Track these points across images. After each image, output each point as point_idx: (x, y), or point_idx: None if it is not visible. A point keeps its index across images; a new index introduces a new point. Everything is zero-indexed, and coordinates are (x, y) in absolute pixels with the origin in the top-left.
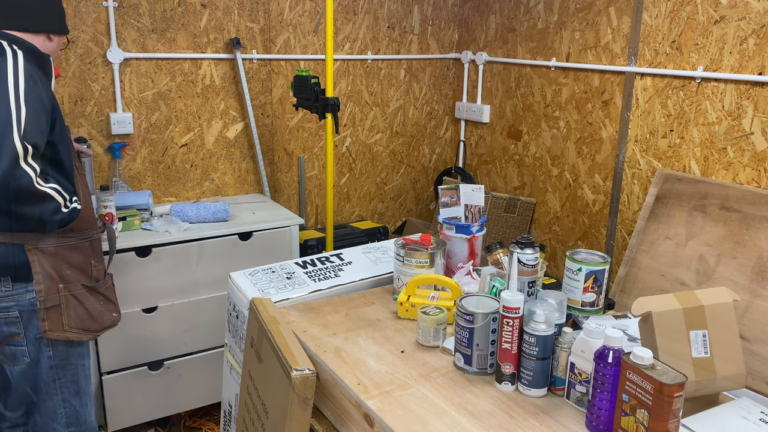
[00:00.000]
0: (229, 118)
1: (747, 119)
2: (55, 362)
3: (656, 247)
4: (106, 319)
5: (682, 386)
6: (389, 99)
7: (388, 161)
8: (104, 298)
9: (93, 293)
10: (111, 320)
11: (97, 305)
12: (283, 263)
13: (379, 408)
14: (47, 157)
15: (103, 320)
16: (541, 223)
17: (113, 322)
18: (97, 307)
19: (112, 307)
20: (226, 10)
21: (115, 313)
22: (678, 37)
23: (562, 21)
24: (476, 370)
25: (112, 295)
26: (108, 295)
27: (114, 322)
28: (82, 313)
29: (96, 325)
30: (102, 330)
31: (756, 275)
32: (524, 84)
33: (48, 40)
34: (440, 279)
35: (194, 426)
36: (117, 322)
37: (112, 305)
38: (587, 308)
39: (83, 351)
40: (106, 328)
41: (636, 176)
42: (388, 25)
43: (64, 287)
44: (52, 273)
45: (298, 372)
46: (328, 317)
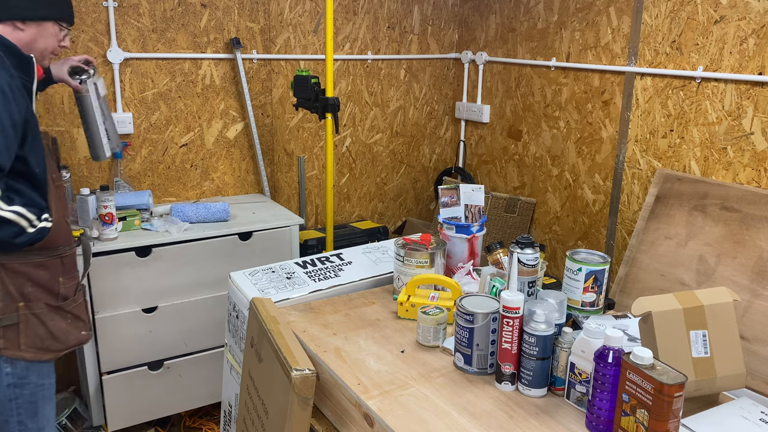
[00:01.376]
0: (229, 118)
1: (747, 119)
2: (12, 380)
3: (656, 247)
4: (71, 338)
5: (682, 386)
6: (389, 99)
7: (388, 161)
8: (72, 316)
9: (58, 312)
10: (77, 339)
11: (63, 324)
12: (283, 263)
13: (379, 408)
14: (17, 171)
15: (67, 339)
16: (541, 223)
17: (80, 340)
18: (62, 326)
19: (82, 325)
20: (226, 10)
21: (84, 331)
22: (678, 37)
23: (562, 21)
24: (476, 370)
25: (83, 312)
26: (77, 312)
27: (82, 341)
28: (42, 333)
29: (58, 345)
30: (66, 349)
31: (756, 275)
32: (524, 84)
33: (16, 30)
34: (440, 279)
35: (194, 426)
36: (86, 340)
37: (82, 323)
38: (587, 308)
39: (45, 370)
40: (71, 347)
41: (636, 176)
42: (388, 25)
43: (24, 305)
44: (13, 291)
45: (298, 372)
46: (328, 317)
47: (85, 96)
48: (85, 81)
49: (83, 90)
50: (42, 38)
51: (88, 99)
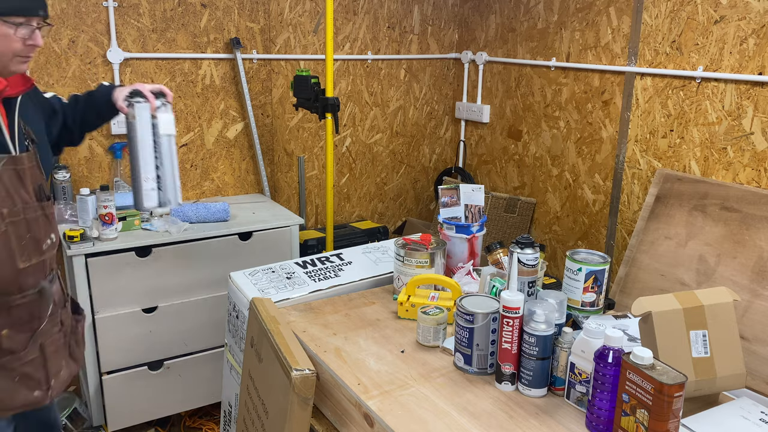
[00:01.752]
0: (229, 118)
1: (747, 119)
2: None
3: (656, 247)
4: (17, 399)
5: (682, 386)
6: (389, 99)
7: (388, 161)
8: (21, 374)
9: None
10: (26, 400)
11: (6, 383)
12: (283, 263)
13: (379, 408)
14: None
15: (11, 400)
16: (541, 223)
17: (31, 402)
18: (5, 385)
19: (34, 384)
20: (226, 10)
21: (38, 392)
22: (678, 37)
23: (562, 21)
24: (476, 370)
25: (39, 369)
26: (29, 370)
27: (33, 403)
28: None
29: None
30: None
31: (756, 275)
32: (524, 84)
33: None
34: (440, 279)
35: (194, 426)
36: (39, 402)
37: (34, 382)
38: (587, 308)
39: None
40: (15, 409)
41: (636, 176)
42: (388, 25)
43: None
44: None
45: (298, 372)
46: (328, 317)
47: (130, 123)
48: (132, 105)
49: (129, 115)
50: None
51: (133, 128)
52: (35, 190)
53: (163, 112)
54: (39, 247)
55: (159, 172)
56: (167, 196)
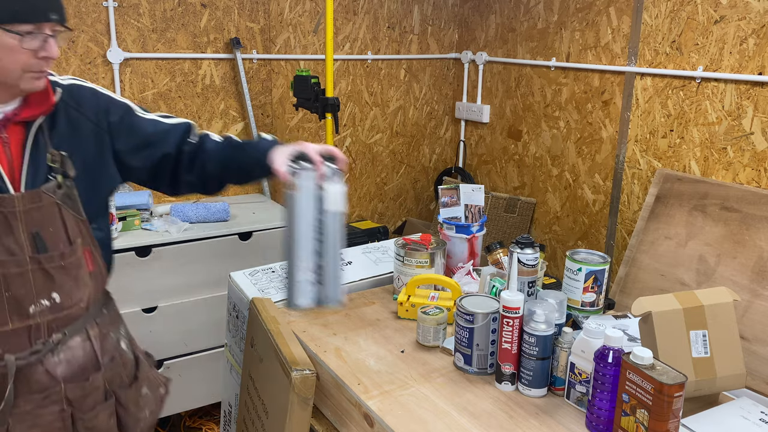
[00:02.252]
0: (229, 118)
1: (747, 119)
2: None
3: (656, 247)
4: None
5: (682, 386)
6: (389, 99)
7: (388, 161)
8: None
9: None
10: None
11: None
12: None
13: (379, 408)
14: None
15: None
16: (541, 223)
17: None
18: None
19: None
20: (226, 10)
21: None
22: (678, 37)
23: (562, 21)
24: (476, 370)
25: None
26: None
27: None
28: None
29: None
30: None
31: (756, 275)
32: (524, 84)
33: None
34: (440, 279)
35: (194, 426)
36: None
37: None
38: (587, 308)
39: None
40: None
41: (636, 176)
42: (388, 25)
43: None
44: None
45: (298, 372)
46: (328, 317)
47: (293, 196)
48: (298, 173)
49: (290, 185)
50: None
51: (294, 202)
52: (30, 238)
53: (332, 182)
54: (21, 309)
55: (321, 261)
56: (327, 292)
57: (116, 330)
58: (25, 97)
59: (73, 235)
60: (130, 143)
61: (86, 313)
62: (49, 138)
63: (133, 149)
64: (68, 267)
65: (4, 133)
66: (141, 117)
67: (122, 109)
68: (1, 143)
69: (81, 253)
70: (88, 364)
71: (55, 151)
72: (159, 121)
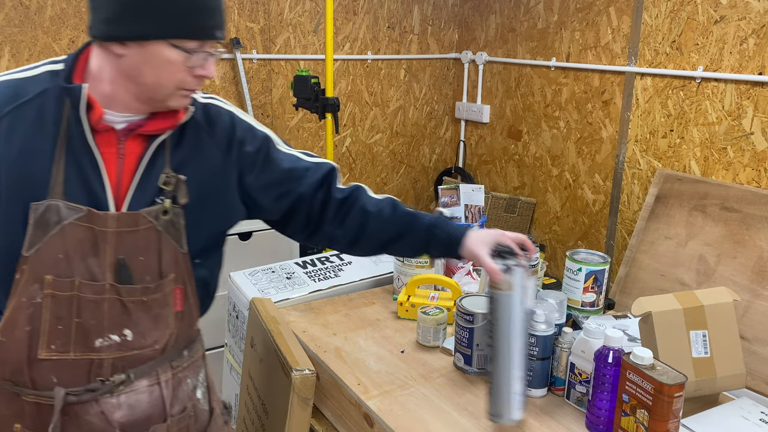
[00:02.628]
0: None
1: (747, 119)
2: None
3: (656, 247)
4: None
5: (682, 386)
6: (389, 99)
7: (388, 161)
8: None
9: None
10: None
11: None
12: (283, 263)
13: (379, 408)
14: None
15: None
16: (541, 223)
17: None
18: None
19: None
20: (226, 10)
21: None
22: (678, 37)
23: (562, 21)
24: (476, 370)
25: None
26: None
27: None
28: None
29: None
30: None
31: (756, 275)
32: (524, 84)
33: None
34: (440, 279)
35: None
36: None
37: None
38: (587, 308)
39: None
40: None
41: (636, 176)
42: (388, 25)
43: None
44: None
45: (298, 372)
46: (328, 317)
47: (503, 297)
48: (511, 270)
49: (503, 284)
50: (149, 66)
51: (504, 304)
52: (115, 264)
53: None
54: (87, 340)
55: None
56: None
57: (194, 376)
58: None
59: (167, 269)
60: (262, 178)
61: (161, 355)
62: (169, 157)
63: (266, 186)
64: (150, 303)
65: (122, 144)
66: (280, 151)
67: (260, 140)
68: (115, 155)
69: (170, 290)
70: (153, 413)
71: (171, 172)
72: (299, 158)
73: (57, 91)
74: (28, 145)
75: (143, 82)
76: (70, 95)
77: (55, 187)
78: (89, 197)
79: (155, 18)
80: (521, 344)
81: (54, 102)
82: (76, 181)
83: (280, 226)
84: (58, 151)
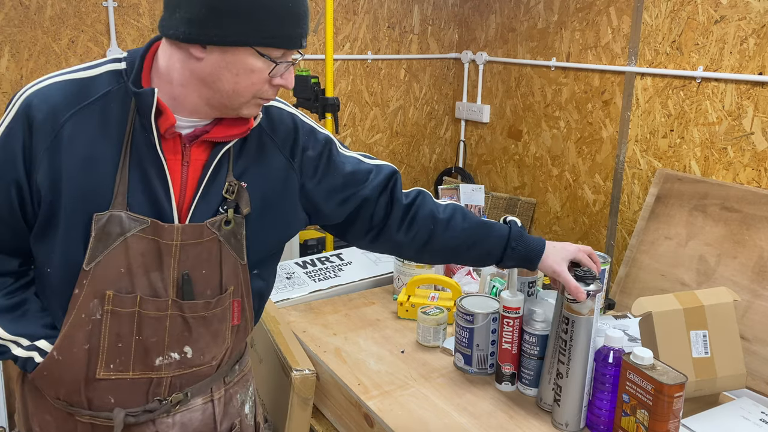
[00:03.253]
0: None
1: (747, 119)
2: None
3: (656, 247)
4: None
5: (682, 386)
6: (389, 99)
7: (388, 161)
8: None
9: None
10: None
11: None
12: (283, 263)
13: (379, 408)
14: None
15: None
16: (542, 223)
17: None
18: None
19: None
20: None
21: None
22: (678, 37)
23: (562, 21)
24: (476, 370)
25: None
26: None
27: None
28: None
29: None
30: None
31: (756, 275)
32: (524, 84)
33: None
34: (440, 279)
35: None
36: None
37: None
38: None
39: None
40: None
41: (636, 176)
42: (388, 24)
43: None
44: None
45: (298, 372)
46: (328, 317)
47: (584, 321)
48: (593, 295)
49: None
50: (230, 73)
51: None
52: (178, 279)
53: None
54: (147, 358)
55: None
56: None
57: (244, 391)
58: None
59: (227, 281)
60: (324, 183)
61: (215, 372)
62: (233, 164)
63: (329, 191)
64: (210, 318)
65: (187, 151)
66: (342, 154)
67: (322, 144)
68: (180, 162)
69: (228, 304)
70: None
71: (235, 180)
72: (361, 161)
73: (122, 94)
74: (92, 152)
75: (220, 88)
76: (139, 100)
77: (118, 197)
78: (153, 208)
79: (243, 23)
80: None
81: (118, 105)
82: (140, 190)
83: (340, 232)
84: (123, 158)
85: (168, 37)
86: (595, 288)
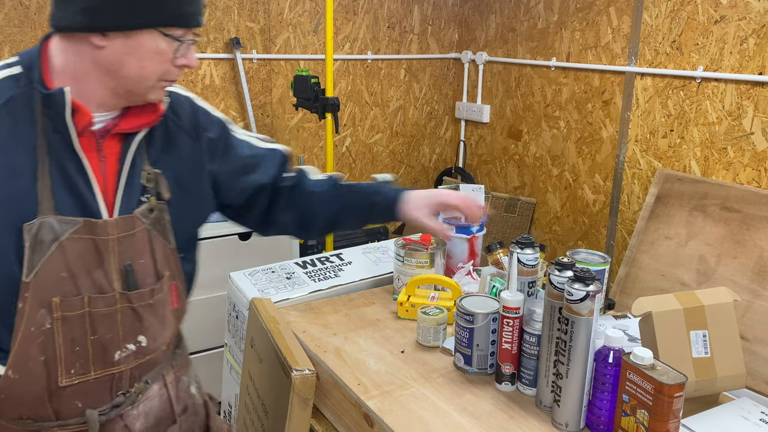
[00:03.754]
0: (229, 117)
1: (747, 119)
2: None
3: (656, 247)
4: None
5: (682, 386)
6: (389, 99)
7: (388, 161)
8: None
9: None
10: None
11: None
12: (283, 263)
13: (379, 408)
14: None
15: None
16: (541, 223)
17: None
18: None
19: None
20: (226, 10)
21: None
22: (678, 37)
23: (562, 21)
24: (476, 370)
25: None
26: None
27: None
28: None
29: None
30: None
31: (756, 275)
32: (524, 84)
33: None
34: (440, 279)
35: None
36: None
37: None
38: None
39: None
40: None
41: (636, 176)
42: (388, 24)
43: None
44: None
45: (298, 372)
46: (328, 317)
47: (584, 321)
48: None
49: (583, 308)
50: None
51: (588, 328)
52: (121, 272)
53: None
54: (106, 355)
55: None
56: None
57: (188, 373)
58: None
59: (162, 267)
60: (225, 166)
61: (164, 357)
62: (147, 153)
63: (229, 174)
64: (156, 305)
65: (102, 147)
66: (237, 137)
67: (220, 126)
68: (97, 159)
69: (167, 289)
70: (163, 416)
71: (150, 168)
72: (254, 145)
73: (26, 98)
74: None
75: (125, 74)
76: (52, 101)
77: (43, 202)
78: (82, 207)
79: (144, 5)
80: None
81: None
82: (64, 192)
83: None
84: (41, 162)
85: (63, 30)
86: (594, 288)
